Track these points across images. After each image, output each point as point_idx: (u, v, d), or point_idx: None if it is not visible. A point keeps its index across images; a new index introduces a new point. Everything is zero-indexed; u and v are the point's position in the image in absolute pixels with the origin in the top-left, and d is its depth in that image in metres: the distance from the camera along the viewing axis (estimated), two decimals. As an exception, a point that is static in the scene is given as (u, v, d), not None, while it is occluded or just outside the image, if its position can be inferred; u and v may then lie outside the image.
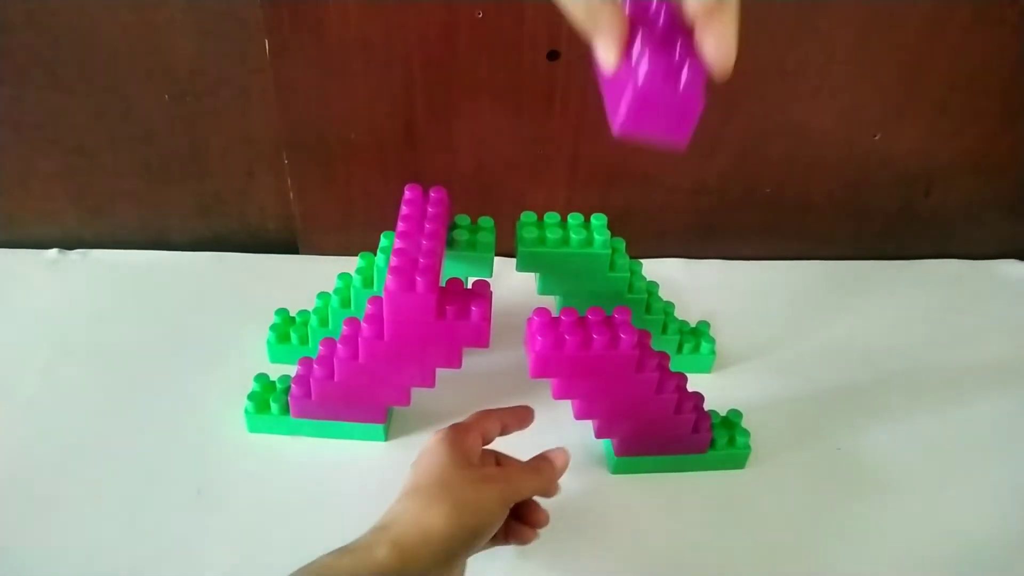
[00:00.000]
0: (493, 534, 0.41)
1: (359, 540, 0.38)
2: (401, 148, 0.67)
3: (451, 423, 0.45)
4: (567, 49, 0.62)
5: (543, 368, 0.47)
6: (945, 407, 0.61)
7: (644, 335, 0.48)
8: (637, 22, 0.33)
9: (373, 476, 0.53)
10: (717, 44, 0.30)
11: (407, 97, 0.64)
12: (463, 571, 0.41)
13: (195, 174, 0.70)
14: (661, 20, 0.32)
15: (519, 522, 0.45)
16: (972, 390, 0.63)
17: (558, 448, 0.46)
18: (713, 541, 0.51)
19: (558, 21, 0.61)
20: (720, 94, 0.66)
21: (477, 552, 0.41)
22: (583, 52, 0.62)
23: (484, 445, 0.46)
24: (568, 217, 0.55)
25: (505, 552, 0.45)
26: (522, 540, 0.45)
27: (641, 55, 0.31)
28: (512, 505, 0.43)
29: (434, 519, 0.38)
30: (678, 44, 0.31)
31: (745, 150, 0.70)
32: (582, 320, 0.47)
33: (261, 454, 0.54)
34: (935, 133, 0.71)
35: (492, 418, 0.47)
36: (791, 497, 0.54)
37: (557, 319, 0.47)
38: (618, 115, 0.33)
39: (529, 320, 0.47)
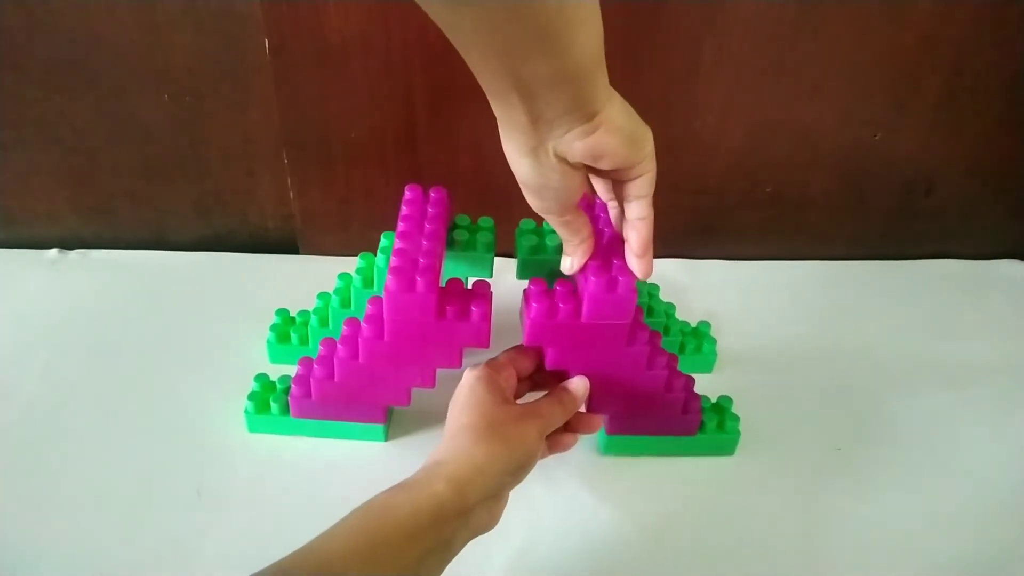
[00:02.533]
0: (534, 464, 0.45)
1: (413, 477, 0.41)
2: (401, 148, 0.67)
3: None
4: (567, 49, 0.62)
5: (538, 335, 0.48)
6: (945, 407, 0.61)
7: (636, 311, 0.49)
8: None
9: (373, 476, 0.52)
10: (639, 270, 0.45)
11: (407, 97, 0.64)
12: (507, 500, 0.45)
13: (195, 174, 0.70)
14: (604, 239, 0.49)
15: (556, 435, 0.49)
16: (972, 390, 0.63)
17: (577, 377, 0.49)
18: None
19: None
20: (720, 94, 0.67)
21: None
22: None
23: (519, 379, 0.49)
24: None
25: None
26: (564, 447, 0.49)
27: (591, 272, 0.46)
28: (546, 435, 0.46)
29: (484, 455, 0.41)
30: (614, 263, 0.46)
31: (745, 150, 0.70)
32: (576, 291, 0.48)
33: (261, 454, 0.54)
34: (935, 133, 0.71)
35: (526, 354, 0.49)
36: (786, 490, 0.54)
37: (552, 290, 0.48)
38: (581, 311, 0.47)
39: (525, 290, 0.49)
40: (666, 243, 0.76)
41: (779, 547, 0.51)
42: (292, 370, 0.54)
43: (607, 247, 0.48)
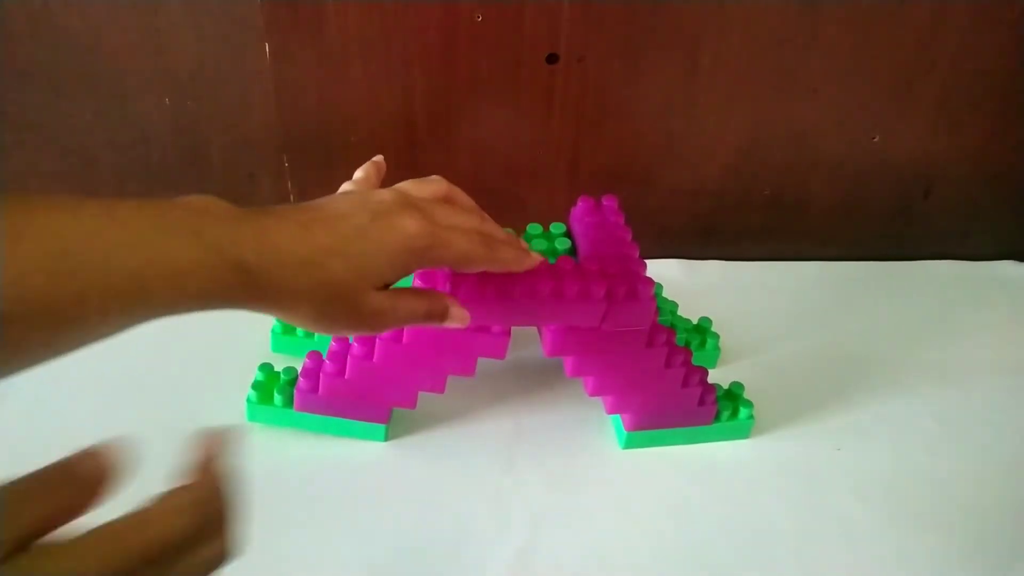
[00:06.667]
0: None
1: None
2: (401, 149, 0.68)
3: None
4: (566, 52, 0.62)
5: (559, 347, 0.48)
6: (945, 407, 0.61)
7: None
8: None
9: (371, 476, 0.53)
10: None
11: (407, 99, 0.65)
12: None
13: (195, 177, 0.70)
14: (619, 245, 0.50)
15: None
16: (972, 390, 0.63)
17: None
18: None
19: (557, 25, 0.61)
20: (720, 95, 0.67)
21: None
22: (582, 56, 0.63)
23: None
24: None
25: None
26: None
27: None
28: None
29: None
30: (633, 270, 0.47)
31: (744, 152, 0.70)
32: None
33: (260, 452, 0.54)
34: (934, 134, 0.71)
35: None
36: (786, 490, 0.54)
37: None
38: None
39: None
40: (665, 244, 0.76)
41: (780, 550, 0.51)
42: (294, 361, 0.54)
43: (623, 253, 0.48)
